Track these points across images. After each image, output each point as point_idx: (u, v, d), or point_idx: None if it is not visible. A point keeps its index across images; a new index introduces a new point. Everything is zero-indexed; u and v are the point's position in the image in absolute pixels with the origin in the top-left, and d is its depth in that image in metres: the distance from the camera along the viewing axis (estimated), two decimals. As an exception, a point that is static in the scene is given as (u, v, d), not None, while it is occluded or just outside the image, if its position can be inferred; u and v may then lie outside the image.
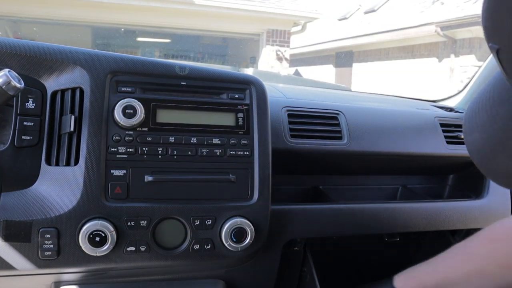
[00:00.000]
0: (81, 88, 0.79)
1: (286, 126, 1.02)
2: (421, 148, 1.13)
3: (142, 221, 0.79)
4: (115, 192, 0.78)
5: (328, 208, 1.04)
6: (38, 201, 0.75)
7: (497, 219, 1.20)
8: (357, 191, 1.26)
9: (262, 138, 0.87)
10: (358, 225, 1.07)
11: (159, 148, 0.81)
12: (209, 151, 0.84)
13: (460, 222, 1.16)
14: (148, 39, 8.80)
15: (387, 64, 9.45)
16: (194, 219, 0.82)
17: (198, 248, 0.83)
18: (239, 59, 9.12)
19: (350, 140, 1.06)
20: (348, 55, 10.79)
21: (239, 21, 7.88)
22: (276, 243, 0.99)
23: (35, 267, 0.76)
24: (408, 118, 1.18)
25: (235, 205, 0.84)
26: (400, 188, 1.30)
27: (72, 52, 0.80)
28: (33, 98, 0.78)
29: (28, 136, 0.77)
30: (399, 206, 1.11)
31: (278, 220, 0.96)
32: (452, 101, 1.50)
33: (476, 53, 7.45)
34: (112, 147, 0.78)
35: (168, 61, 0.87)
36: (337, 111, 1.10)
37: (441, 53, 8.16)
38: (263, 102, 0.90)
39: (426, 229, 1.13)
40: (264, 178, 0.86)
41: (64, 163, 0.77)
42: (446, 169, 1.32)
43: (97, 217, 0.76)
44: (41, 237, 0.74)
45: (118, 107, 0.79)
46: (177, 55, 8.68)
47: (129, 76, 0.82)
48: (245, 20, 7.90)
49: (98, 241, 0.75)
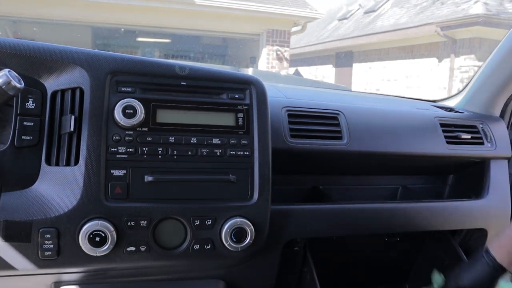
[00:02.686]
0: (81, 88, 0.79)
1: (286, 126, 1.02)
2: (421, 148, 1.13)
3: (142, 221, 0.79)
4: (115, 192, 0.78)
5: (328, 208, 1.04)
6: (38, 201, 0.75)
7: (497, 219, 1.21)
8: (357, 191, 1.26)
9: (262, 138, 0.87)
10: (358, 225, 1.07)
11: (159, 148, 0.81)
12: (209, 151, 0.84)
13: (460, 222, 1.16)
14: (148, 39, 8.80)
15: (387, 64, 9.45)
16: (194, 219, 0.82)
17: (198, 248, 0.83)
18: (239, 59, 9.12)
19: (350, 140, 1.06)
20: (348, 55, 10.79)
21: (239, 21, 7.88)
22: (276, 243, 0.99)
23: (35, 267, 0.76)
24: (408, 118, 1.18)
25: (235, 205, 0.84)
26: (400, 188, 1.30)
27: (72, 52, 0.80)
28: (33, 98, 0.78)
29: (28, 136, 0.77)
30: (399, 206, 1.11)
31: (278, 220, 0.96)
32: (452, 101, 1.50)
33: (476, 53, 7.45)
34: (112, 147, 0.78)
35: (168, 61, 0.87)
36: (337, 111, 1.10)
37: (441, 53, 8.16)
38: (263, 102, 0.90)
39: (426, 229, 1.13)
40: (264, 178, 0.86)
41: (64, 163, 0.77)
42: (446, 169, 1.32)
43: (97, 217, 0.76)
44: (41, 237, 0.74)
45: (118, 107, 0.79)
46: (177, 55, 8.68)
47: (129, 76, 0.82)
48: (245, 20, 7.90)
49: (98, 241, 0.75)
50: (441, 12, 8.12)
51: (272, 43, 8.18)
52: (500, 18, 7.05)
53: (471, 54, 7.52)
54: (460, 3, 7.80)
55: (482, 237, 1.23)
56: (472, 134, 1.23)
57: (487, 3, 7.27)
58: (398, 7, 9.92)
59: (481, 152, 1.22)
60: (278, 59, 8.22)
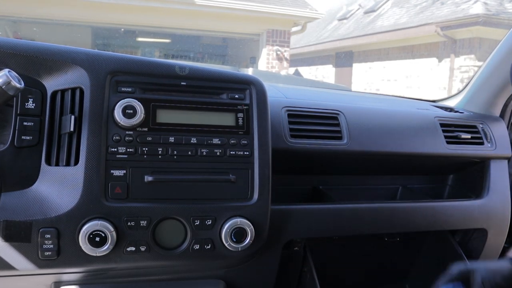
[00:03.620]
0: (81, 88, 0.79)
1: (286, 126, 1.02)
2: (421, 148, 1.13)
3: (142, 221, 0.79)
4: (115, 192, 0.78)
5: (328, 208, 1.04)
6: (38, 201, 0.75)
7: (497, 219, 1.21)
8: (357, 191, 1.26)
9: (262, 138, 0.87)
10: (358, 225, 1.07)
11: (159, 148, 0.81)
12: (209, 151, 0.84)
13: (460, 222, 1.16)
14: (148, 39, 8.80)
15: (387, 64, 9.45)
16: (194, 219, 0.82)
17: (198, 248, 0.83)
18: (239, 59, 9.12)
19: (350, 140, 1.06)
20: (348, 55, 10.78)
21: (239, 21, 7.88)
22: (276, 243, 0.99)
23: (35, 267, 0.76)
24: (408, 118, 1.18)
25: (235, 205, 0.84)
26: (400, 188, 1.30)
27: (72, 52, 0.80)
28: (33, 98, 0.78)
29: (28, 136, 0.77)
30: (399, 206, 1.11)
31: (278, 220, 0.96)
32: (452, 101, 1.50)
33: (476, 53, 7.45)
34: (112, 147, 0.78)
35: (168, 61, 0.87)
36: (337, 111, 1.10)
37: (441, 53, 8.16)
38: (263, 102, 0.90)
39: (426, 229, 1.13)
40: (264, 178, 0.86)
41: (64, 163, 0.77)
42: (446, 169, 1.32)
43: (97, 217, 0.76)
44: (41, 237, 0.74)
45: (118, 107, 0.79)
46: (177, 55, 8.67)
47: (129, 76, 0.82)
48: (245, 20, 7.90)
49: (98, 241, 0.75)
50: (441, 12, 8.12)
51: (272, 43, 8.18)
52: (500, 18, 7.05)
53: (471, 54, 7.52)
54: (460, 3, 7.80)
55: (482, 237, 1.23)
56: (472, 134, 1.23)
57: (487, 3, 7.27)
58: (398, 7, 9.92)
59: (481, 152, 1.22)
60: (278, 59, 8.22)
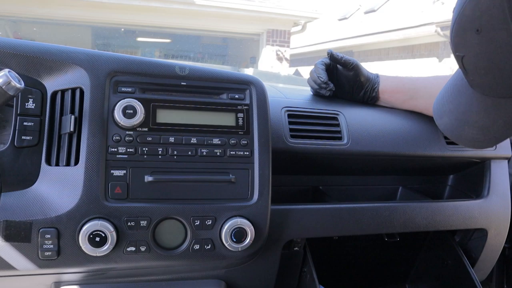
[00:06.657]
0: (81, 88, 0.79)
1: (286, 126, 1.02)
2: (421, 148, 1.13)
3: (142, 221, 0.79)
4: (115, 192, 0.78)
5: (328, 208, 1.04)
6: (38, 201, 0.75)
7: (497, 219, 1.21)
8: (357, 191, 1.26)
9: (262, 138, 0.87)
10: (358, 225, 1.07)
11: (159, 148, 0.81)
12: (209, 151, 0.84)
13: (460, 222, 1.16)
14: (148, 39, 8.80)
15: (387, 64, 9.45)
16: (194, 219, 0.82)
17: (198, 248, 0.83)
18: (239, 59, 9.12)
19: (350, 141, 1.06)
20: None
21: (239, 21, 7.88)
22: (276, 243, 0.99)
23: (35, 267, 0.76)
24: (408, 118, 1.18)
25: (235, 205, 0.84)
26: (400, 188, 1.30)
27: (72, 52, 0.80)
28: (33, 98, 0.78)
29: (28, 136, 0.77)
30: (399, 206, 1.11)
31: (278, 220, 0.96)
32: (452, 101, 1.50)
33: (476, 53, 7.44)
34: (112, 147, 0.78)
35: (168, 61, 0.87)
36: (337, 111, 1.10)
37: (441, 53, 8.16)
38: (263, 102, 0.90)
39: (426, 229, 1.13)
40: (264, 178, 0.86)
41: (64, 163, 0.77)
42: (446, 169, 1.32)
43: (97, 217, 0.76)
44: (41, 237, 0.74)
45: (118, 107, 0.79)
46: (177, 55, 8.67)
47: (129, 76, 0.82)
48: (245, 20, 7.91)
49: (98, 241, 0.75)
50: (441, 12, 8.12)
51: (272, 43, 8.18)
52: (500, 18, 7.03)
53: (471, 54, 7.51)
54: (460, 3, 7.79)
55: (482, 237, 1.23)
56: (472, 134, 1.23)
57: (487, 3, 7.25)
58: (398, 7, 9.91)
59: (481, 152, 1.22)
60: (278, 59, 8.22)
